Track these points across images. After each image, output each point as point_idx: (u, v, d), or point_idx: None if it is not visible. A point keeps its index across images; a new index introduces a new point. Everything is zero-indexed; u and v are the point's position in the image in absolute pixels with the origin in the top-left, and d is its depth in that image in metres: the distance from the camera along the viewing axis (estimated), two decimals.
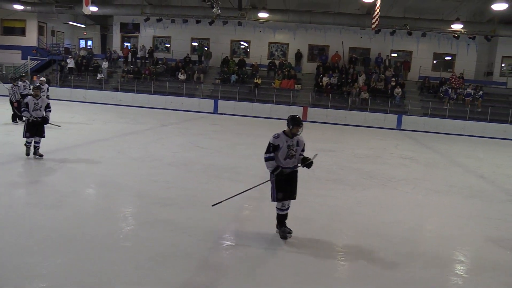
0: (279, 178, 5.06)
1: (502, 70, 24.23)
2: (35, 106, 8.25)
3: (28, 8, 25.21)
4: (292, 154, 5.14)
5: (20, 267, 3.89)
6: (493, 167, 11.99)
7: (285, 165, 5.11)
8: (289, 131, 5.18)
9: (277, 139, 5.10)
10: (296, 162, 5.22)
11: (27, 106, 8.21)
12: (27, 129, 8.27)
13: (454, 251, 5.25)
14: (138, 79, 24.70)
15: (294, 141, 5.18)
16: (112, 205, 6.01)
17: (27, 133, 8.27)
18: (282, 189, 5.07)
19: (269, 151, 5.14)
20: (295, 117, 5.20)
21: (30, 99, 8.29)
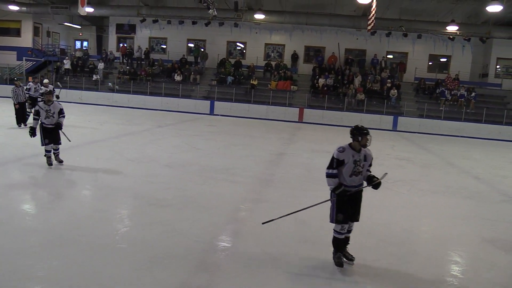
0: (341, 198, 4.51)
1: (497, 71, 24.35)
2: (47, 113, 7.67)
3: (23, 8, 25.11)
4: (359, 170, 4.52)
5: (17, 269, 3.87)
6: (489, 168, 12.05)
7: (349, 183, 4.52)
8: (357, 144, 4.55)
9: (342, 153, 4.53)
10: (362, 180, 4.61)
11: (38, 114, 7.65)
12: (44, 136, 7.70)
13: (450, 252, 5.27)
14: (134, 80, 24.65)
15: (362, 155, 4.56)
16: (108, 207, 5.99)
17: (46, 140, 7.69)
18: (343, 210, 4.53)
19: (332, 166, 4.56)
20: (361, 126, 4.60)
21: (42, 106, 7.72)
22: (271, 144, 13.35)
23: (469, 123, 21.02)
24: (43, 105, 7.69)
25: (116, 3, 25.71)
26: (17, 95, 12.72)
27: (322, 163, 10.41)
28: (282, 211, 6.28)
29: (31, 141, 10.34)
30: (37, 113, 7.70)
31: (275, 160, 10.67)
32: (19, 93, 12.77)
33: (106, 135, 12.30)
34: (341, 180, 4.53)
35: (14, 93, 12.71)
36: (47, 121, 7.70)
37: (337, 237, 4.63)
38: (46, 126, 7.72)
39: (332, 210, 4.61)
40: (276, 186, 7.90)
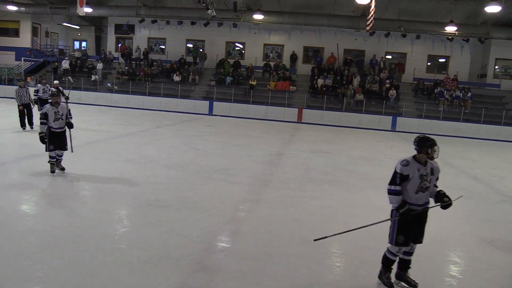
0: (405, 218, 4.00)
1: (495, 72, 24.40)
2: (56, 116, 7.25)
3: (22, 9, 25.09)
4: (426, 186, 4.01)
5: (16, 270, 3.87)
6: (487, 168, 12.06)
7: (415, 201, 4.02)
8: (423, 156, 4.06)
9: (407, 167, 4.03)
10: (429, 197, 4.10)
11: (46, 117, 7.19)
12: (50, 141, 7.25)
13: (449, 252, 5.28)
14: (133, 81, 24.64)
15: (428, 169, 4.05)
16: (107, 207, 5.99)
17: (51, 146, 7.24)
18: (405, 231, 4.03)
19: (395, 182, 4.01)
20: (428, 137, 4.14)
21: (49, 108, 7.25)
22: (270, 144, 13.35)
23: (467, 124, 21.06)
24: (51, 107, 7.28)
25: (114, 4, 25.70)
26: (21, 96, 12.15)
27: (321, 164, 10.47)
28: (281, 211, 6.30)
29: (30, 142, 10.35)
30: (45, 116, 7.23)
31: (274, 160, 10.68)
32: (22, 94, 12.19)
33: (105, 135, 12.29)
34: (405, 198, 4.01)
35: (18, 94, 12.16)
36: (56, 124, 7.30)
37: (389, 257, 4.18)
38: (54, 130, 7.29)
39: (393, 230, 4.11)
40: (275, 186, 7.90)
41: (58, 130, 7.33)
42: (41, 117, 7.28)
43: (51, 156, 7.38)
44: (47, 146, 7.27)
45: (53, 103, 7.35)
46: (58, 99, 7.46)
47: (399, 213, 4.00)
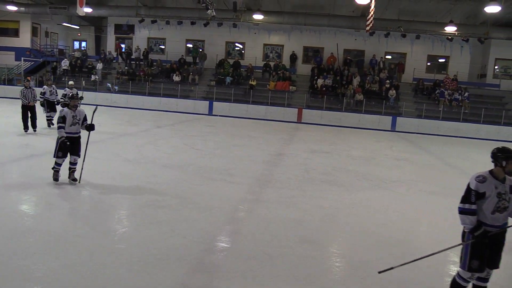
0: (480, 240, 3.56)
1: (495, 72, 24.41)
2: (73, 120, 6.93)
3: (21, 9, 25.08)
4: (505, 206, 3.55)
5: (15, 270, 3.87)
6: (487, 168, 12.04)
7: (492, 222, 3.57)
8: (500, 171, 3.60)
9: (483, 184, 3.57)
10: (507, 218, 3.64)
11: (63, 121, 6.80)
12: (59, 148, 6.83)
13: (449, 252, 5.26)
14: (132, 81, 24.64)
15: (507, 186, 3.58)
16: (107, 207, 5.99)
17: (59, 153, 6.83)
18: (479, 255, 3.59)
19: (470, 200, 3.58)
20: (503, 148, 3.64)
21: (67, 112, 6.89)
22: (270, 144, 13.35)
23: (467, 124, 21.06)
24: (69, 111, 6.90)
25: (114, 4, 25.70)
26: (26, 97, 11.59)
27: (320, 164, 10.47)
28: (281, 211, 6.30)
29: (30, 142, 10.37)
30: (63, 120, 6.81)
31: (273, 160, 10.68)
32: (28, 95, 11.61)
33: (105, 135, 12.27)
34: (480, 218, 3.57)
35: (23, 94, 11.58)
36: (72, 129, 6.94)
37: (460, 283, 3.76)
38: (69, 135, 6.88)
39: (465, 254, 3.66)
40: (274, 186, 7.90)
41: (73, 135, 6.96)
42: (59, 121, 6.83)
43: (58, 163, 6.95)
44: (56, 151, 6.85)
45: (71, 106, 7.00)
46: (77, 102, 7.12)
47: (474, 236, 3.55)
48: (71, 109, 6.98)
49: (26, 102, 11.50)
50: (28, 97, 11.58)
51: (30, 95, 11.64)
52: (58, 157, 6.87)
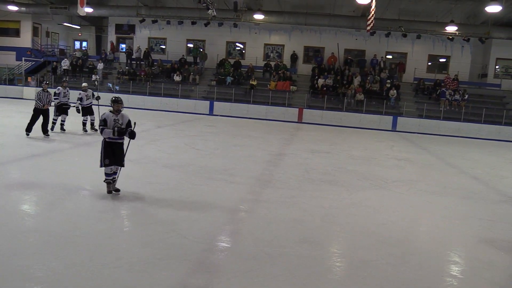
0: None
1: (496, 72, 24.40)
2: (116, 124, 6.45)
3: (22, 9, 25.13)
4: None
5: (15, 270, 3.87)
6: (487, 168, 12.06)
7: None
8: None
9: None
10: None
11: (105, 123, 6.40)
12: (105, 155, 6.34)
13: (449, 252, 5.27)
14: (133, 81, 24.65)
15: None
16: (107, 207, 5.99)
17: (106, 159, 6.33)
18: None
19: None
20: None
21: (109, 115, 6.47)
22: (270, 144, 13.35)
23: (468, 124, 21.05)
24: (111, 114, 6.47)
25: (115, 4, 25.73)
26: (41, 100, 11.00)
27: (321, 164, 10.47)
28: (281, 211, 6.31)
29: (31, 142, 10.37)
30: (104, 123, 6.39)
31: (274, 160, 10.68)
32: (43, 98, 11.04)
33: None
34: None
35: (39, 97, 11.01)
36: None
37: None
38: (111, 140, 6.43)
39: None
40: (275, 186, 7.90)
41: (116, 141, 6.45)
42: (101, 124, 6.42)
43: (108, 173, 6.41)
44: (102, 160, 6.33)
45: (114, 110, 6.52)
46: (120, 106, 6.59)
47: None
48: (114, 113, 6.51)
49: (41, 105, 10.97)
50: (43, 100, 11.02)
51: (45, 99, 11.09)
52: (106, 165, 6.35)
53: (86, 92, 12.58)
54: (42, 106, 11.00)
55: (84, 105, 12.54)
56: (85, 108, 12.58)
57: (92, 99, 12.72)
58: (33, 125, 11.06)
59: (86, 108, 12.60)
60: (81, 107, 12.53)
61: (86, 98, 12.54)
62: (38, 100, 11.00)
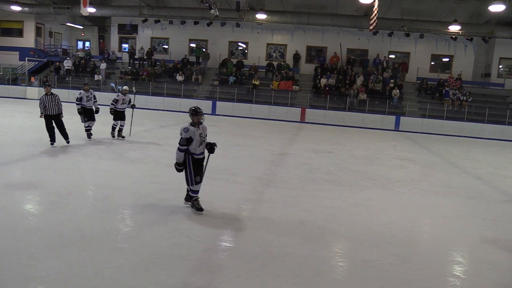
0: None
1: (499, 71, 24.30)
2: (201, 139, 5.77)
3: (25, 9, 25.20)
4: None
5: (18, 269, 3.88)
6: (491, 168, 12.02)
7: None
8: None
9: None
10: None
11: (188, 142, 5.61)
12: (195, 172, 5.73)
13: (452, 252, 5.26)
14: (136, 80, 24.68)
15: None
16: (110, 207, 6.00)
17: (197, 177, 5.77)
18: None
19: None
20: None
21: (194, 131, 5.67)
22: (273, 144, 13.35)
23: (471, 123, 20.98)
24: (195, 129, 5.73)
25: (118, 3, 25.77)
26: (47, 107, 9.80)
27: (323, 163, 10.46)
28: (283, 211, 6.31)
29: (34, 141, 10.38)
30: (187, 142, 5.60)
31: (276, 160, 10.67)
32: (49, 103, 9.77)
33: (108, 135, 12.29)
34: None
35: (42, 103, 9.78)
36: (200, 149, 5.78)
37: None
38: (199, 157, 5.76)
39: None
40: (277, 186, 7.90)
41: (201, 157, 5.85)
42: (183, 143, 5.59)
43: (196, 190, 5.87)
44: (192, 178, 5.75)
45: (194, 123, 5.75)
46: (201, 118, 5.82)
47: None
48: (195, 126, 5.74)
49: (47, 112, 9.72)
50: (50, 107, 9.76)
51: (51, 104, 9.78)
52: (197, 183, 5.75)
53: (124, 96, 11.99)
54: (49, 112, 9.72)
55: (118, 109, 11.83)
56: (118, 112, 11.87)
57: (127, 105, 12.14)
58: (52, 132, 9.92)
59: (120, 112, 11.91)
60: (115, 110, 11.79)
61: (122, 102, 11.89)
62: (43, 108, 9.69)
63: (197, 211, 5.76)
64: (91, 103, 11.35)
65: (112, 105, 11.79)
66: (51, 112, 9.76)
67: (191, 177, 5.83)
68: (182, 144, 5.64)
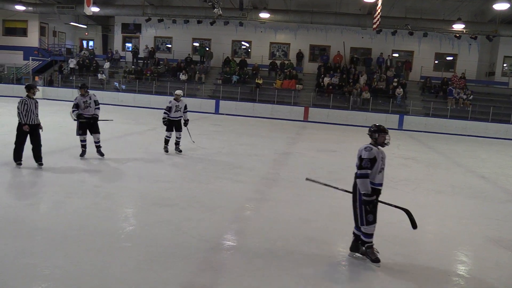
0: None
1: (504, 70, 24.20)
2: (382, 164, 4.75)
3: (29, 8, 25.28)
4: None
5: (21, 268, 3.90)
6: (495, 167, 11.97)
7: None
8: None
9: None
10: None
11: (373, 163, 4.60)
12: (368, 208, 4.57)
13: (456, 252, 5.24)
14: (139, 80, 24.74)
15: None
16: (113, 206, 6.02)
17: (370, 216, 4.60)
18: None
19: None
20: None
21: (376, 151, 4.64)
22: (276, 143, 13.34)
23: (475, 122, 20.89)
24: (376, 149, 4.62)
25: (121, 3, 25.83)
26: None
27: (327, 162, 10.44)
28: (287, 210, 6.30)
29: None
30: (373, 162, 4.60)
31: (280, 159, 10.67)
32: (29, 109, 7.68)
33: (111, 134, 12.33)
34: None
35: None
36: (378, 178, 4.78)
37: None
38: (376, 187, 4.75)
39: None
40: (281, 185, 7.90)
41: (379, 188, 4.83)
42: (365, 165, 4.55)
43: (371, 233, 4.67)
44: (363, 217, 4.60)
45: (378, 142, 4.67)
46: (388, 138, 4.69)
47: None
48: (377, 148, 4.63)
49: (24, 120, 7.61)
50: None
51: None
52: (369, 223, 4.59)
53: (177, 102, 10.22)
54: (27, 120, 7.57)
55: (172, 118, 10.11)
56: (172, 122, 10.11)
57: (181, 112, 10.32)
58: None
59: (174, 122, 10.15)
60: (168, 119, 10.10)
61: (175, 109, 10.15)
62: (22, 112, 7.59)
63: (372, 263, 4.54)
64: (91, 109, 8.73)
65: (165, 114, 10.11)
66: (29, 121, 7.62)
67: (361, 214, 4.59)
68: (366, 167, 4.51)
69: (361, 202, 4.57)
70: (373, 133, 4.69)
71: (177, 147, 10.18)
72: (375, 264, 4.53)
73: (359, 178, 4.54)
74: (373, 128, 4.72)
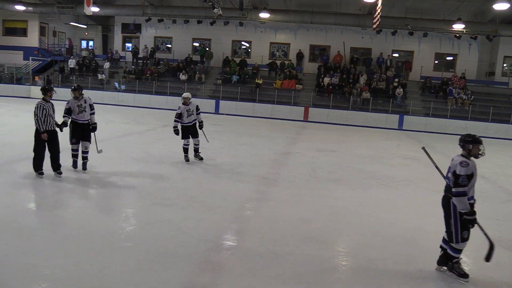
0: None
1: (504, 70, 24.19)
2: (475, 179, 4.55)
3: (29, 8, 25.26)
4: None
5: (22, 268, 3.90)
6: (495, 167, 11.96)
7: None
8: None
9: None
10: None
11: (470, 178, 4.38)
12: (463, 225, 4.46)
13: None
14: (139, 80, 24.75)
15: None
16: (113, 206, 6.02)
17: (465, 232, 4.45)
18: None
19: None
20: None
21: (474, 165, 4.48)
22: (276, 143, 13.34)
23: (475, 122, 20.88)
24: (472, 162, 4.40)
25: (121, 3, 25.81)
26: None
27: (327, 162, 10.44)
28: (287, 210, 6.30)
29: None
30: (469, 178, 4.38)
31: (280, 159, 10.67)
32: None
33: (111, 134, 12.33)
34: None
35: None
36: (471, 193, 4.54)
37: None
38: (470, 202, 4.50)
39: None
40: (281, 185, 7.90)
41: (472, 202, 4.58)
42: (464, 182, 4.32)
43: None
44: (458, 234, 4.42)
45: (471, 154, 4.55)
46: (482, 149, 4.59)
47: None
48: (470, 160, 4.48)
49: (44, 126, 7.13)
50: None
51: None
52: (464, 240, 4.43)
53: (187, 105, 9.02)
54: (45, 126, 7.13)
55: (185, 124, 9.11)
56: (186, 128, 9.14)
57: (195, 115, 9.19)
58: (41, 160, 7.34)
59: (189, 128, 9.15)
60: (182, 126, 9.16)
61: (187, 114, 9.03)
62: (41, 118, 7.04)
63: (458, 278, 4.36)
64: (86, 114, 7.73)
65: (175, 122, 9.14)
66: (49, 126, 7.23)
67: (456, 231, 4.34)
68: (464, 185, 4.19)
69: (461, 220, 4.33)
70: (466, 143, 4.40)
71: (197, 154, 9.46)
72: (463, 279, 4.29)
73: (456, 196, 4.23)
74: (467, 138, 4.41)
